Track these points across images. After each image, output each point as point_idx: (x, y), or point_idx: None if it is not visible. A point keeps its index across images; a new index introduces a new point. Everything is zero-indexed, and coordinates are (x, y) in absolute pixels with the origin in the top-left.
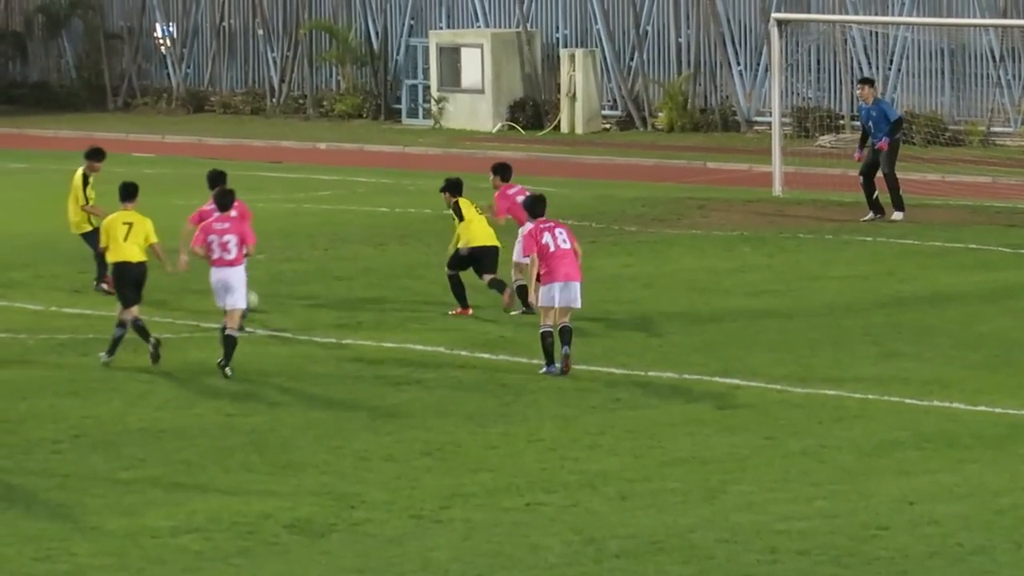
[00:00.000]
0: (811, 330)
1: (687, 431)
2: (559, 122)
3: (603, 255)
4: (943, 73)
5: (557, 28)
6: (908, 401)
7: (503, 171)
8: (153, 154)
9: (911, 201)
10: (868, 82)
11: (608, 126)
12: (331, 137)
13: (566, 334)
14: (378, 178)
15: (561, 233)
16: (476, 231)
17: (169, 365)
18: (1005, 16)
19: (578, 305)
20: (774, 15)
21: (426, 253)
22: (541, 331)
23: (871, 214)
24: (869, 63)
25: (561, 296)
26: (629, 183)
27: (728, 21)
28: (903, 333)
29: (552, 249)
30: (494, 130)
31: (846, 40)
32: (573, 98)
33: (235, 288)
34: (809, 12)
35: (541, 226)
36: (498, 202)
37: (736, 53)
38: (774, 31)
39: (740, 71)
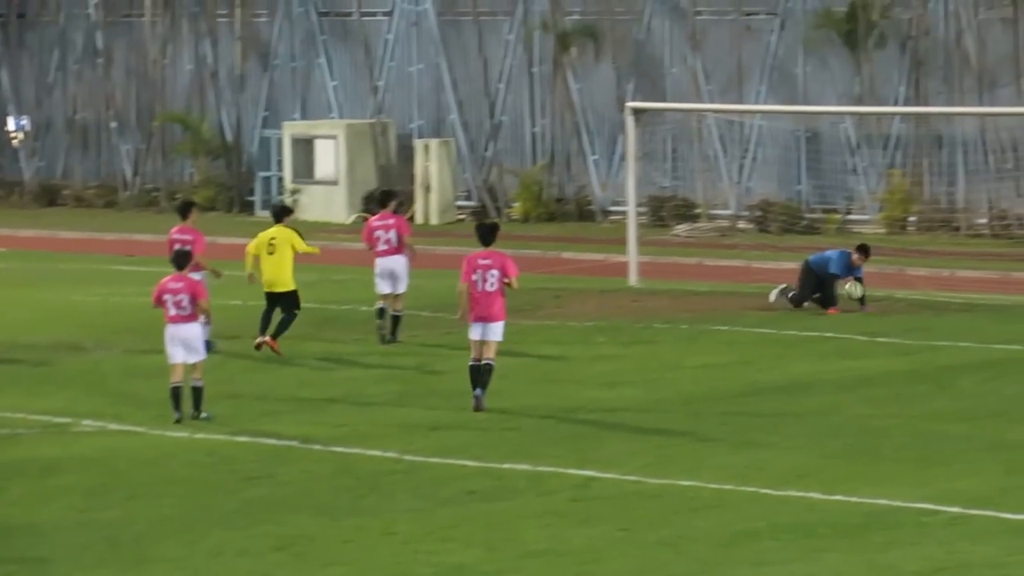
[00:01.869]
0: (667, 420)
1: (543, 523)
2: (414, 213)
3: (455, 347)
4: (799, 161)
5: (412, 118)
6: (765, 491)
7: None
8: (5, 248)
9: (767, 289)
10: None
11: (463, 217)
12: None
13: (484, 374)
14: (232, 271)
15: (492, 275)
16: None
17: (21, 460)
18: (861, 103)
19: (497, 338)
20: (629, 104)
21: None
22: (469, 364)
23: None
24: (725, 151)
25: (482, 332)
26: None
27: (583, 110)
28: (760, 422)
29: (479, 289)
30: (348, 221)
31: (701, 128)
32: (428, 189)
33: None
34: (664, 101)
35: (479, 260)
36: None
37: (592, 142)
38: (629, 120)
39: (595, 160)
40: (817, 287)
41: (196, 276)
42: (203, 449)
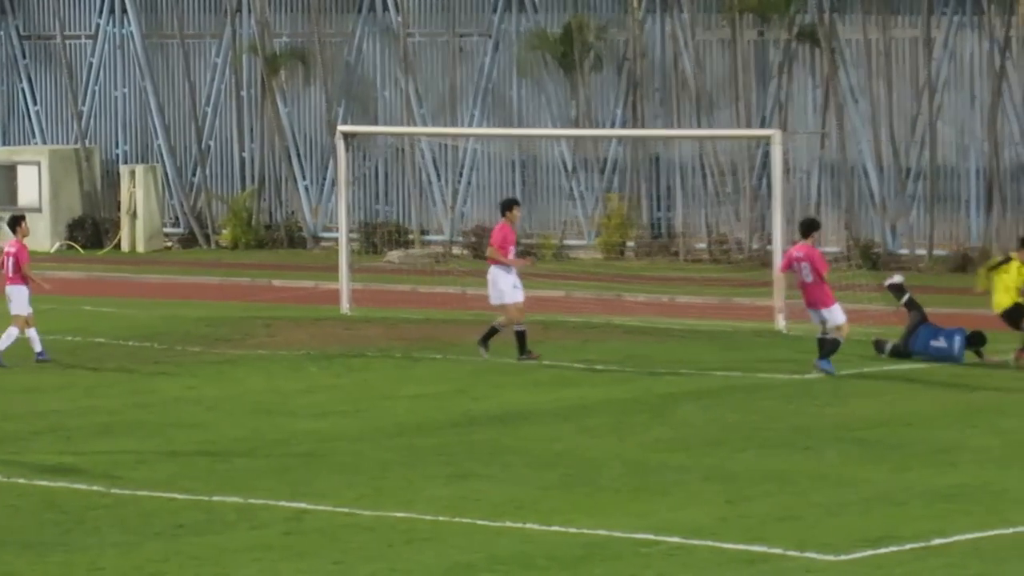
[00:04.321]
0: (381, 451)
1: (253, 557)
2: (119, 241)
3: (165, 378)
4: (514, 185)
5: (117, 144)
6: (481, 522)
7: None
8: None
9: (485, 318)
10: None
11: (170, 244)
12: None
13: (826, 345)
14: None
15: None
16: None
17: None
18: (577, 127)
19: (839, 321)
20: (340, 128)
21: None
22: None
23: None
24: (439, 176)
25: (819, 318)
26: (193, 302)
27: (293, 135)
28: (476, 453)
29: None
30: (52, 250)
31: (415, 152)
32: (134, 216)
33: None
34: (376, 124)
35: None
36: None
37: (302, 167)
38: (340, 144)
39: (306, 185)
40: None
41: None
42: None
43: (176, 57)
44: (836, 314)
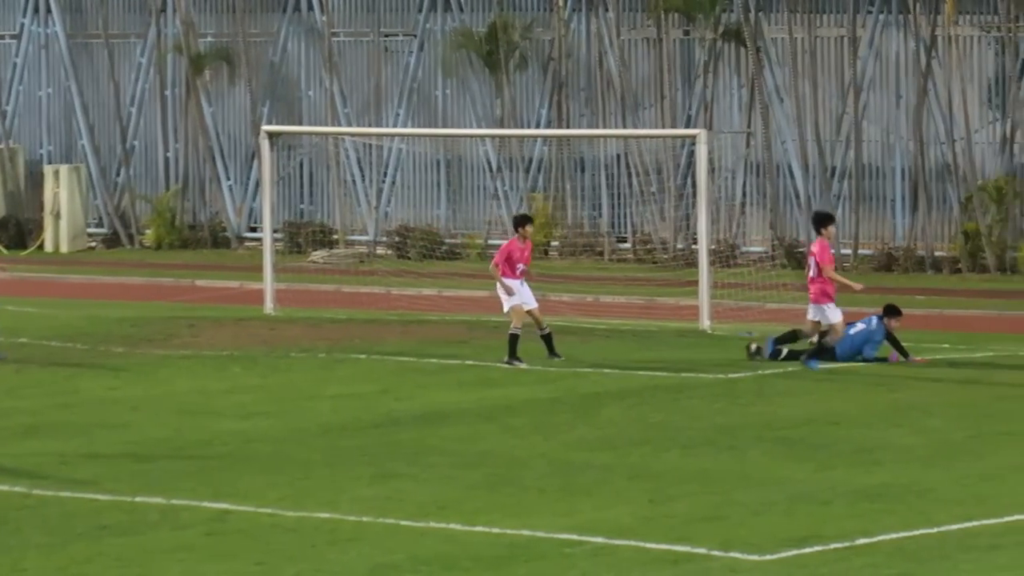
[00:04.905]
0: (305, 451)
1: (177, 558)
2: (43, 241)
3: (89, 378)
4: (439, 185)
5: (41, 144)
6: (404, 523)
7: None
8: None
9: (410, 318)
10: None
11: (94, 244)
12: None
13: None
14: None
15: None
16: None
17: None
18: (502, 126)
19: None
20: (264, 128)
21: None
22: None
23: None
24: (363, 176)
25: None
26: (117, 303)
27: (217, 134)
28: (399, 453)
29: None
30: None
31: (339, 152)
32: (57, 216)
33: None
34: (301, 124)
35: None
36: None
37: (226, 167)
38: (264, 144)
39: (230, 185)
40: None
41: None
42: None
43: (101, 57)
44: (829, 313)
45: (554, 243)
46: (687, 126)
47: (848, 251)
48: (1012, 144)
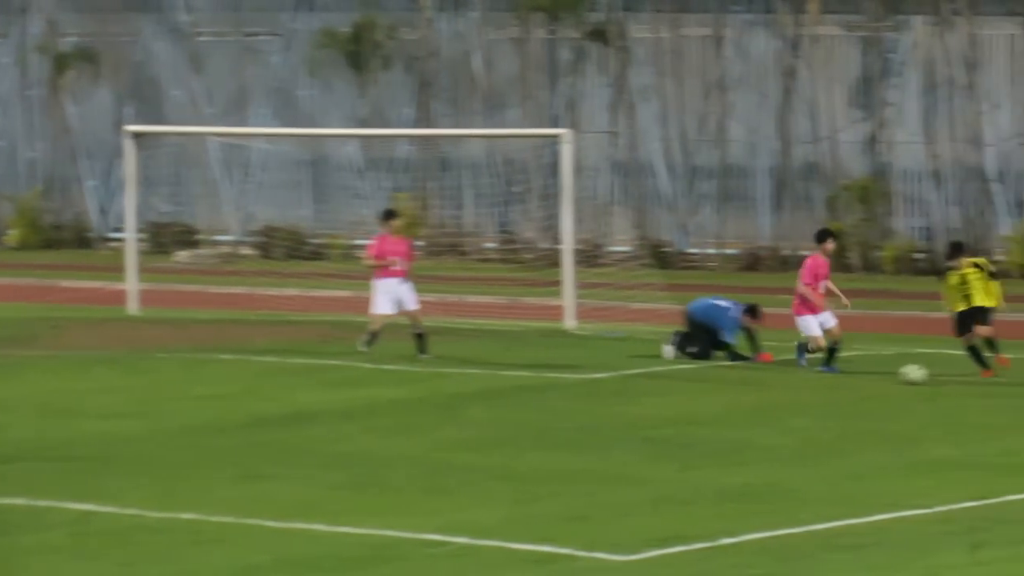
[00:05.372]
0: (169, 452)
1: (40, 559)
2: None
3: None
4: (304, 185)
5: None
6: (269, 524)
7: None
8: None
9: (275, 318)
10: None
11: None
12: None
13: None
14: None
15: None
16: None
17: None
18: (367, 126)
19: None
20: (128, 128)
21: None
22: None
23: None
24: (227, 176)
25: None
26: None
27: (81, 134)
28: (264, 454)
29: None
30: None
31: (203, 152)
32: None
33: None
34: (165, 124)
35: None
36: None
37: (90, 167)
38: (128, 144)
39: (94, 186)
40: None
41: None
42: None
43: None
44: (802, 324)
45: (419, 243)
46: (552, 126)
47: (713, 250)
48: (876, 143)
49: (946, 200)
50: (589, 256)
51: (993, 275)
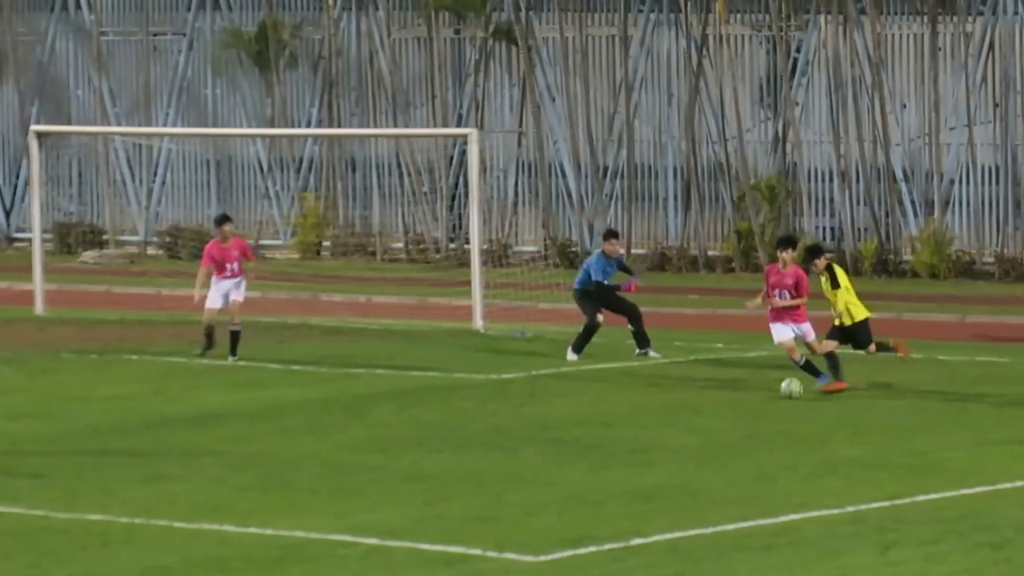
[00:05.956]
0: (75, 453)
1: None
2: None
3: None
4: (210, 185)
5: None
6: (177, 524)
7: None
8: None
9: (181, 319)
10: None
11: None
12: None
13: None
14: None
15: None
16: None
17: None
18: (272, 126)
19: None
20: (33, 127)
21: None
22: None
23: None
24: (133, 176)
25: None
26: None
27: None
28: (171, 454)
29: None
30: None
31: (109, 152)
32: None
33: None
34: (70, 124)
35: None
36: None
37: None
38: (33, 144)
39: None
40: (599, 301)
41: None
42: None
43: None
44: (773, 332)
45: (326, 243)
46: (458, 125)
47: (622, 250)
48: (784, 143)
49: (854, 200)
50: (497, 256)
51: (835, 282)
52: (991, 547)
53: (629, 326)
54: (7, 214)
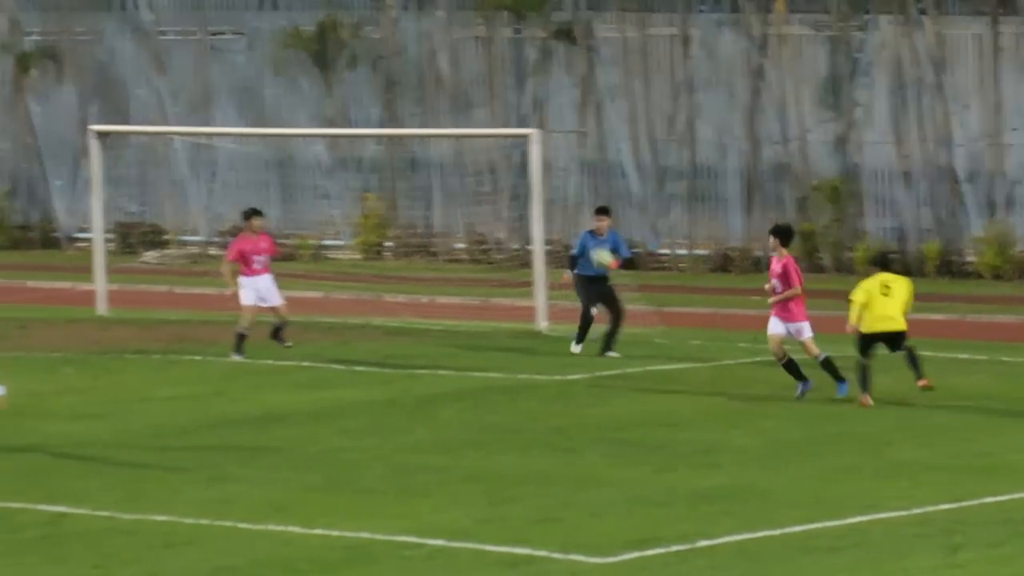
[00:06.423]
0: (138, 454)
1: (11, 561)
2: None
3: None
4: (270, 185)
5: None
6: (242, 525)
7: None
8: None
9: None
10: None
11: None
12: None
13: None
14: None
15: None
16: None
17: None
18: (333, 126)
19: None
20: (92, 127)
21: None
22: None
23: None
24: (195, 176)
25: None
26: None
27: (46, 134)
28: (234, 455)
29: None
30: None
31: (168, 152)
32: None
33: None
34: (130, 123)
35: None
36: None
37: (55, 167)
38: (93, 144)
39: (60, 186)
40: (592, 294)
41: None
42: None
43: None
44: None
45: (388, 243)
46: (519, 125)
47: (684, 251)
48: (846, 144)
49: (917, 201)
50: (560, 256)
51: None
52: None
53: (607, 325)
54: (69, 214)
